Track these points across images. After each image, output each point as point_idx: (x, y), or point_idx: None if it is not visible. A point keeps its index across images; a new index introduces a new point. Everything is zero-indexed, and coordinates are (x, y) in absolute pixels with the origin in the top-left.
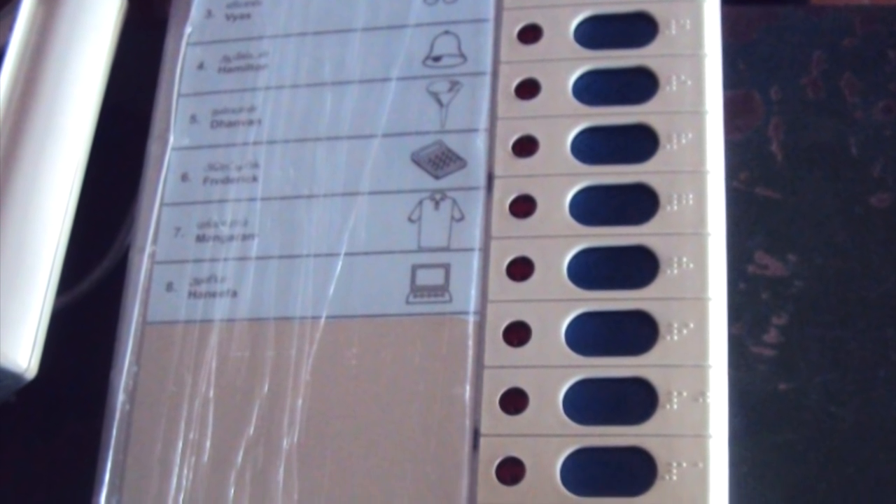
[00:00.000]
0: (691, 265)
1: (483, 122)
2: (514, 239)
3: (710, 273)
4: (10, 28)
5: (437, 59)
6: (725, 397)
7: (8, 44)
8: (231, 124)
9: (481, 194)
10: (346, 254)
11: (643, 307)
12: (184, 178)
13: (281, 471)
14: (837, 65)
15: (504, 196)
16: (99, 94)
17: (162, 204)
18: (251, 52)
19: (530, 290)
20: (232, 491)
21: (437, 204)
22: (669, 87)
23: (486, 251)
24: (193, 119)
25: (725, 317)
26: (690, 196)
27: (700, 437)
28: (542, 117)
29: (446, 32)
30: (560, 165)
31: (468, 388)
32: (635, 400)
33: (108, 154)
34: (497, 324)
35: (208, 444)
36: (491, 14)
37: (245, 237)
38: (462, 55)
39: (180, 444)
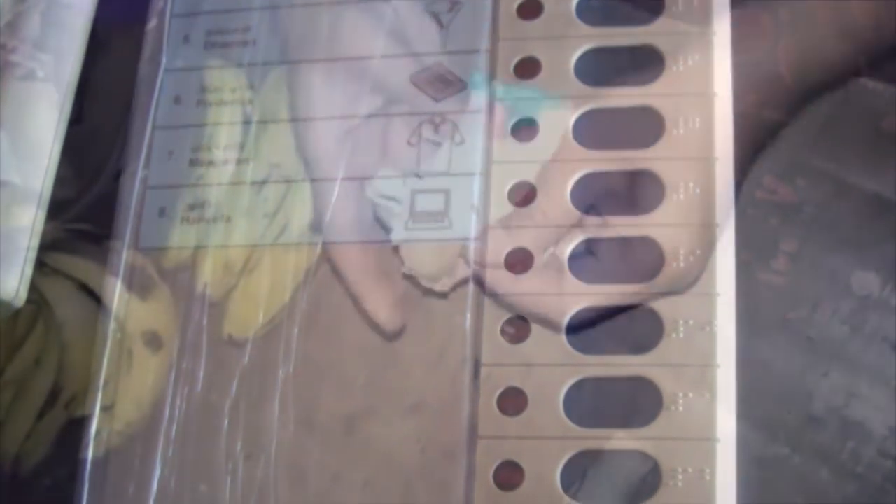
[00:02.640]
0: (698, 190)
1: (484, 43)
2: (516, 163)
3: (717, 198)
4: None
5: None
6: (733, 326)
7: None
8: (225, 45)
9: (482, 117)
10: (344, 178)
11: (649, 233)
12: (177, 100)
13: (276, 401)
14: None
15: (506, 119)
16: (90, 14)
17: (154, 127)
18: None
19: (532, 216)
20: (226, 422)
21: (436, 127)
22: (675, 7)
23: (486, 176)
24: (186, 39)
25: (733, 243)
26: (697, 119)
27: (707, 366)
28: (545, 38)
29: None
30: (563, 88)
31: (468, 316)
32: (640, 328)
33: (98, 76)
34: (498, 250)
35: (202, 374)
36: None
37: (239, 161)
38: None
39: (173, 374)
